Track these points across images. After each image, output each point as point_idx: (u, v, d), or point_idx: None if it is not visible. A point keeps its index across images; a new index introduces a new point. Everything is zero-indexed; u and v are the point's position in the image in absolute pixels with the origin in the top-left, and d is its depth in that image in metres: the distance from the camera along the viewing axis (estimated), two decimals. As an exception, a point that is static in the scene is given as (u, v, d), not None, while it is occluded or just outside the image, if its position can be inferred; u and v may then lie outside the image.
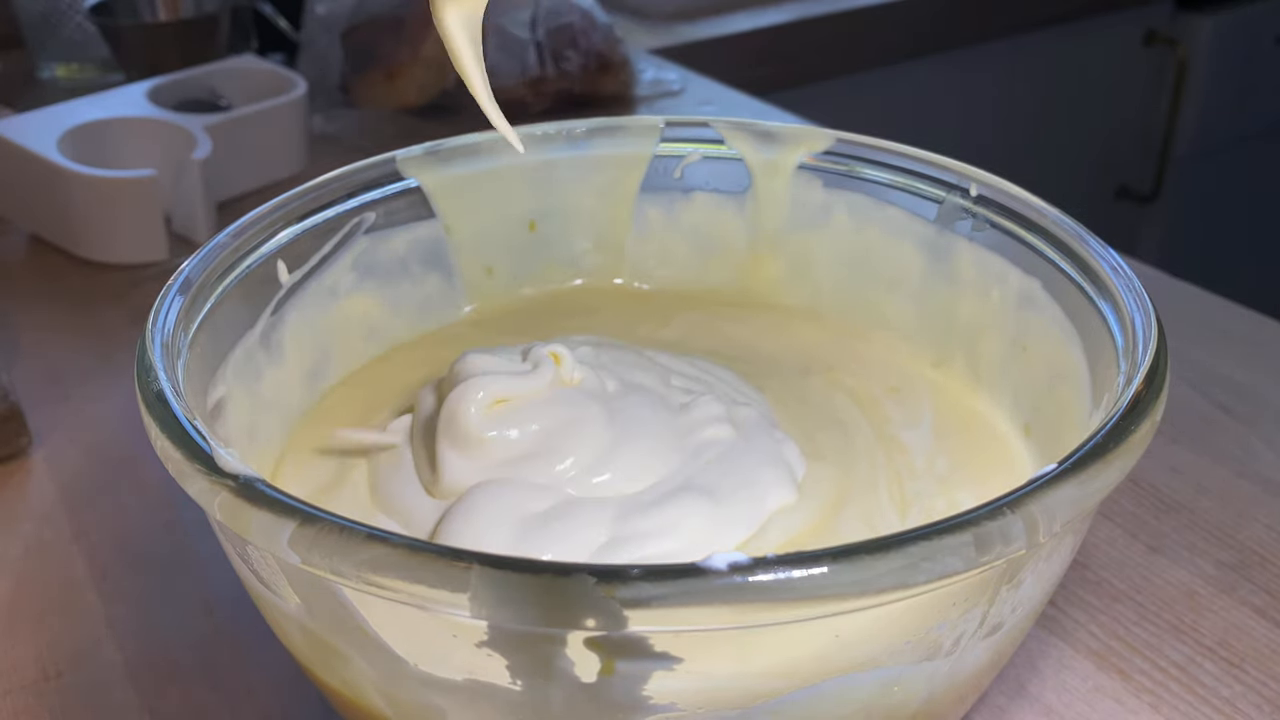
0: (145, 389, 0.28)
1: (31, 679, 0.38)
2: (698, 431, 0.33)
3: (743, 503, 0.31)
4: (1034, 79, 1.29)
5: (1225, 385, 0.50)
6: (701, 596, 0.22)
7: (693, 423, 0.33)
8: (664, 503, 0.30)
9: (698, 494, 0.31)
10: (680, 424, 0.33)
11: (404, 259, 0.41)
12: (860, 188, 0.40)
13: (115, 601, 0.41)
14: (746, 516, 0.31)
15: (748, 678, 0.25)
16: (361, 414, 0.37)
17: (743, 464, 0.32)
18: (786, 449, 0.34)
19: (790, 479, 0.33)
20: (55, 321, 0.59)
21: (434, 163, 0.40)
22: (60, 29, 0.87)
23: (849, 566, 0.22)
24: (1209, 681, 0.37)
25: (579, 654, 0.24)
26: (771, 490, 0.32)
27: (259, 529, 0.24)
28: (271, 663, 0.38)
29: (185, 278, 0.33)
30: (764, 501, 0.31)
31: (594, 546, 0.29)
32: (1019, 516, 0.23)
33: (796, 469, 0.33)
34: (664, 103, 0.84)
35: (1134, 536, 0.43)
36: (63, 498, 0.46)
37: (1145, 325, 0.30)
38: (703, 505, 0.30)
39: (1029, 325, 0.36)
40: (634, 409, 0.33)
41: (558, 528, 0.29)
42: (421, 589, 0.22)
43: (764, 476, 0.32)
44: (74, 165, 0.62)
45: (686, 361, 0.38)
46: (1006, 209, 0.37)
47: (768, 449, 0.33)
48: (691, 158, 0.43)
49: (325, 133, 0.79)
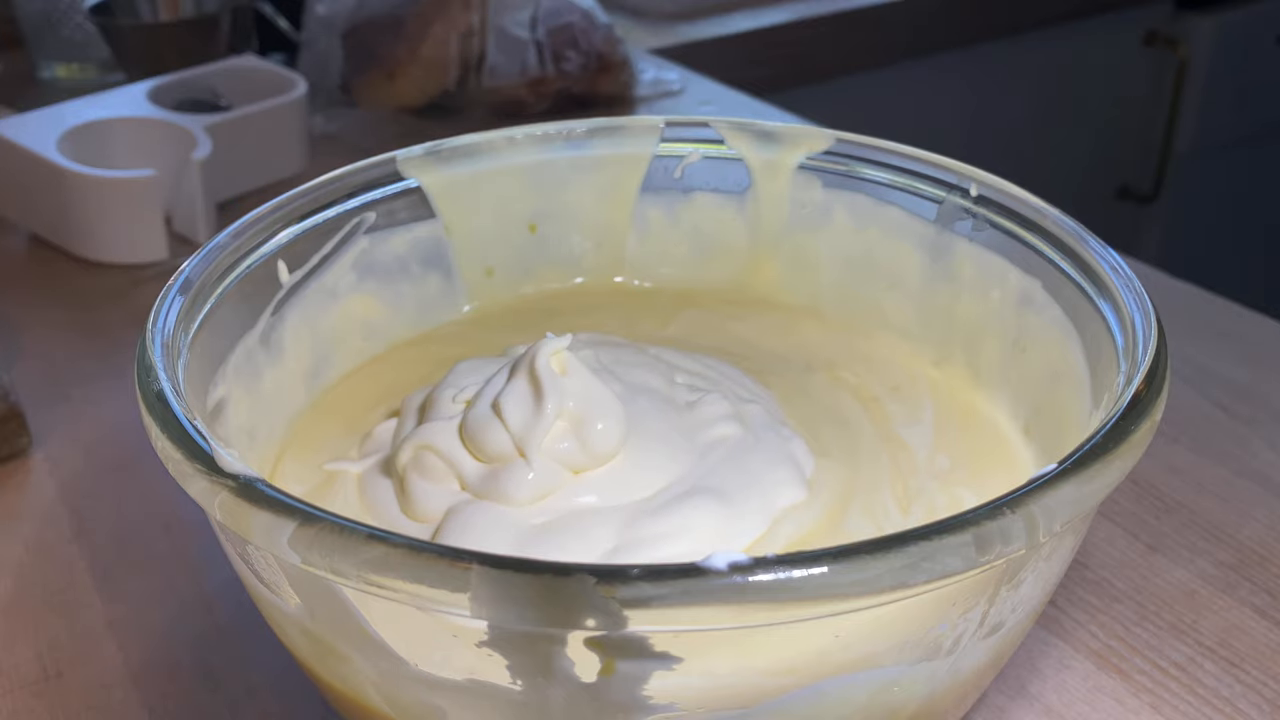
0: (145, 389, 0.28)
1: (31, 679, 0.38)
2: (705, 430, 0.33)
3: (753, 502, 0.31)
4: (1034, 79, 1.29)
5: (1225, 385, 0.50)
6: (701, 596, 0.22)
7: (700, 421, 0.33)
8: (672, 506, 0.30)
9: (706, 495, 0.30)
10: (687, 423, 0.33)
11: (404, 259, 0.41)
12: (860, 188, 0.40)
13: (115, 601, 0.41)
14: (756, 516, 0.31)
15: (748, 677, 0.25)
16: (361, 414, 0.37)
17: (752, 462, 0.32)
18: (795, 446, 0.34)
19: (800, 477, 0.32)
20: (55, 321, 0.59)
21: (434, 163, 0.40)
22: (60, 29, 0.87)
23: (849, 566, 0.22)
24: (1209, 681, 0.37)
25: (579, 654, 0.24)
26: (782, 489, 0.32)
27: (259, 529, 0.24)
28: (272, 663, 0.38)
29: (185, 278, 0.33)
30: (774, 500, 0.31)
31: (600, 552, 0.29)
32: (1019, 516, 0.23)
33: (805, 466, 0.33)
34: (664, 103, 0.84)
35: (1134, 536, 0.43)
36: (63, 498, 0.46)
37: (1145, 325, 0.30)
38: (712, 506, 0.30)
39: (1029, 325, 0.36)
40: (637, 414, 0.33)
41: (558, 540, 0.29)
42: (422, 589, 0.22)
43: (774, 475, 0.32)
44: (74, 165, 0.62)
45: (691, 358, 0.38)
46: (1006, 209, 0.37)
47: (777, 446, 0.33)
48: (691, 158, 0.43)
49: (325, 133, 0.79)
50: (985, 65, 1.25)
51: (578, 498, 0.30)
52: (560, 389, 0.30)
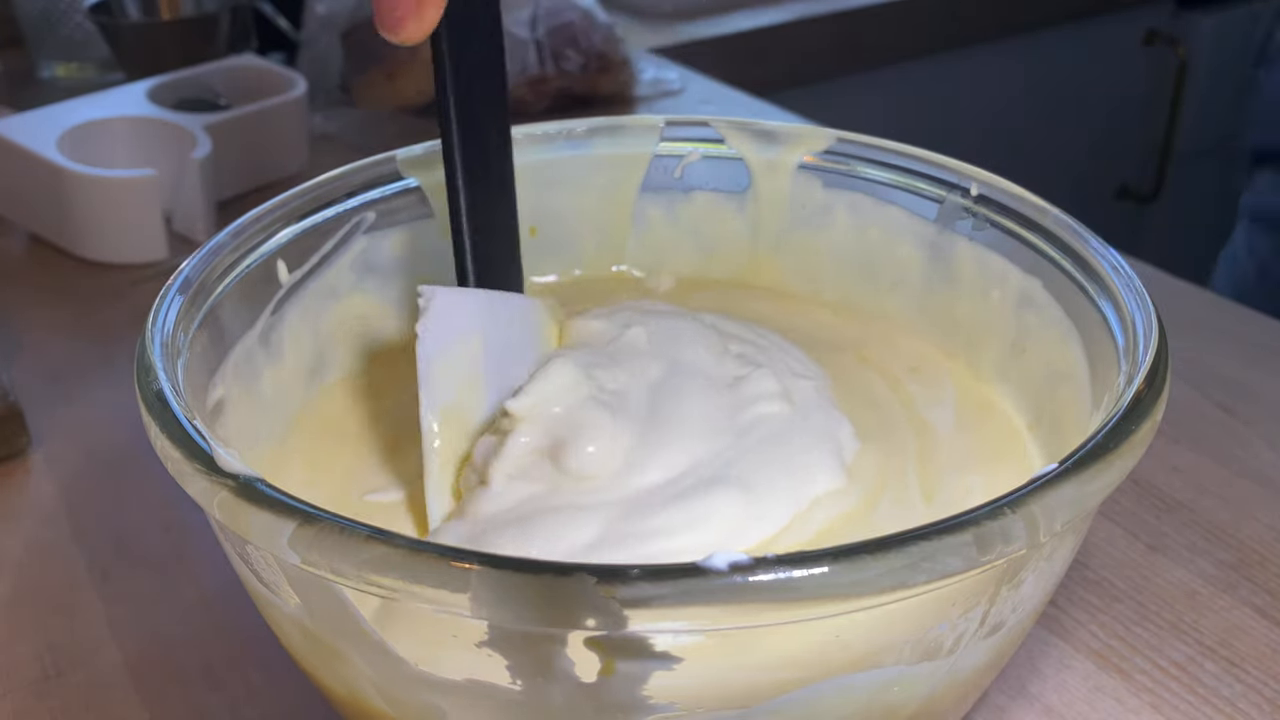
0: (145, 389, 0.28)
1: (31, 679, 0.38)
2: (748, 409, 0.33)
3: (781, 489, 0.31)
4: (1034, 79, 1.29)
5: (1226, 385, 0.50)
6: (702, 596, 0.22)
7: (744, 399, 0.33)
8: (688, 495, 0.30)
9: (727, 484, 0.30)
10: (729, 401, 0.33)
11: (404, 258, 0.41)
12: (860, 187, 0.40)
13: (115, 601, 0.41)
14: (784, 504, 0.30)
15: (748, 677, 0.25)
16: (361, 413, 0.37)
17: (791, 445, 0.32)
18: (842, 430, 0.33)
19: (839, 462, 0.32)
20: (55, 321, 0.59)
21: (434, 162, 0.40)
22: (60, 28, 0.87)
23: (849, 567, 0.22)
24: (1209, 681, 0.37)
25: (579, 654, 0.24)
26: (818, 474, 0.32)
27: (259, 529, 0.24)
28: (272, 663, 0.38)
29: (185, 277, 0.33)
30: (809, 487, 0.31)
31: (592, 538, 0.29)
32: (1019, 516, 0.23)
33: (847, 451, 0.33)
34: (664, 102, 0.84)
35: (1135, 536, 0.43)
36: (63, 497, 0.46)
37: (1146, 325, 0.30)
38: (733, 495, 0.30)
39: (1029, 325, 0.36)
40: (668, 393, 0.32)
41: (555, 521, 0.29)
42: (422, 589, 0.22)
43: (811, 459, 0.32)
44: (74, 165, 0.62)
45: (747, 328, 0.38)
46: (1007, 208, 0.37)
47: (822, 428, 0.33)
48: (691, 157, 0.43)
49: (325, 132, 0.79)
50: (985, 65, 1.25)
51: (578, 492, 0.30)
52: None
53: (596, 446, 0.31)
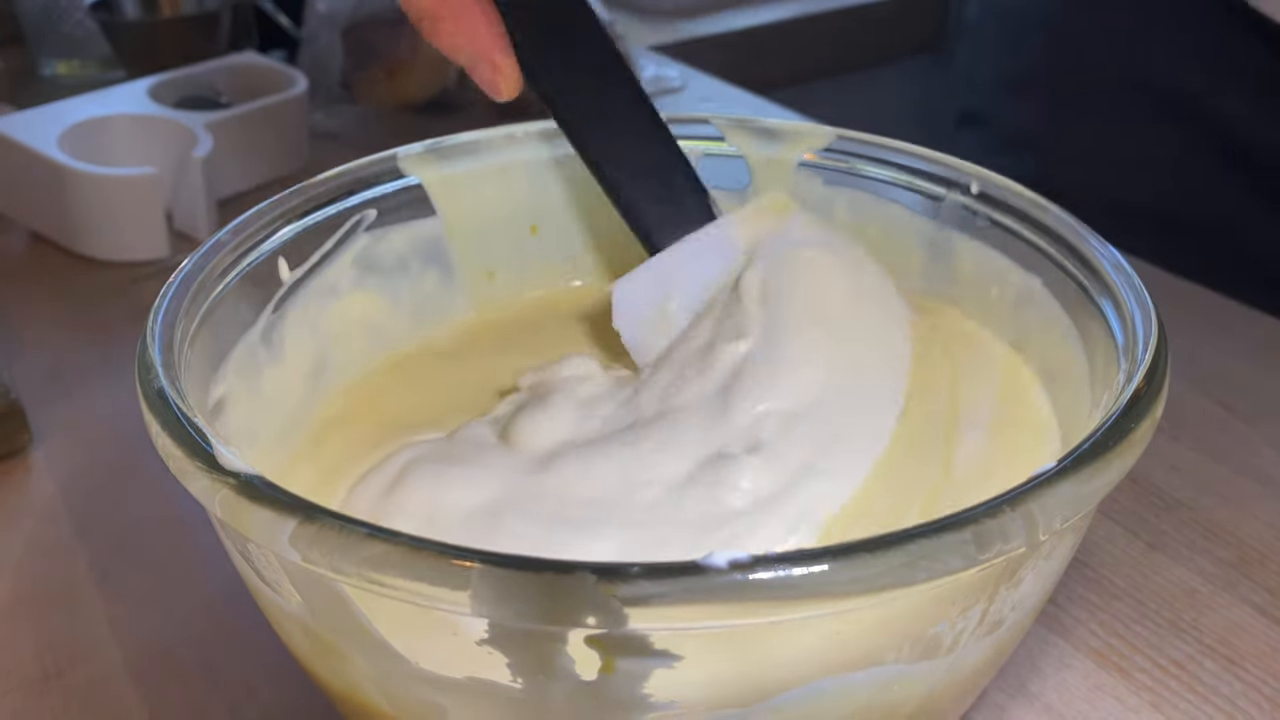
0: (146, 386, 0.28)
1: (31, 678, 0.38)
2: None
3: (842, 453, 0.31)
4: (1035, 76, 1.29)
5: (1225, 383, 0.50)
6: (702, 594, 0.22)
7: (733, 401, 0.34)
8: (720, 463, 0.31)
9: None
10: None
11: (405, 256, 0.41)
12: (861, 185, 0.40)
13: (115, 600, 0.41)
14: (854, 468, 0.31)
15: (748, 676, 0.25)
16: (363, 411, 0.37)
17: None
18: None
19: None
20: (56, 319, 0.59)
21: (435, 160, 0.40)
22: (61, 26, 0.88)
23: (849, 564, 0.22)
24: (1209, 679, 0.37)
25: (580, 652, 0.24)
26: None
27: (260, 527, 0.24)
28: (272, 661, 0.38)
29: (186, 275, 0.33)
30: (869, 451, 0.32)
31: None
32: (1019, 515, 0.23)
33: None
34: (664, 100, 0.84)
35: (1134, 534, 0.43)
36: (63, 496, 0.46)
37: (1145, 323, 0.30)
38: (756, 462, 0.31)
39: (1029, 322, 0.36)
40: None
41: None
42: (423, 587, 0.22)
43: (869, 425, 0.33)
44: (75, 163, 0.62)
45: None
46: (1007, 206, 0.37)
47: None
48: (692, 155, 0.43)
49: (326, 130, 0.79)
50: (986, 62, 1.24)
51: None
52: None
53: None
